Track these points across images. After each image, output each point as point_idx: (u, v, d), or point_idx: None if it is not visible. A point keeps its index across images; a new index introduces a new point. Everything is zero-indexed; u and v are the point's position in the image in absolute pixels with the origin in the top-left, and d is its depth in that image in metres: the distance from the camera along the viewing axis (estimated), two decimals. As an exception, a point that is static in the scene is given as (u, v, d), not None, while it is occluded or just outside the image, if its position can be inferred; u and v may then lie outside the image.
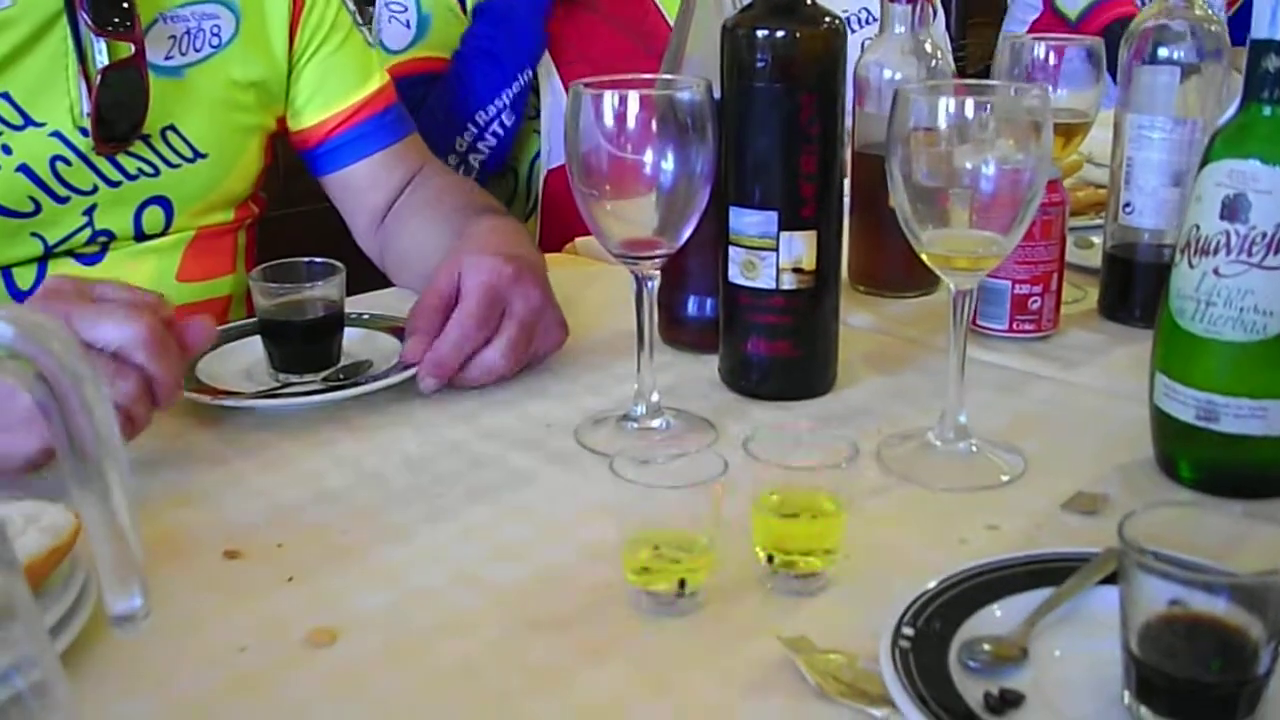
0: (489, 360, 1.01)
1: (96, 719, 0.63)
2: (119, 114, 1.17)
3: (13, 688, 0.48)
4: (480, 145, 1.67)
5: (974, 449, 0.90)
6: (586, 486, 0.88)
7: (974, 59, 2.85)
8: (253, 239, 1.39)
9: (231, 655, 0.68)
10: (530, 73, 1.66)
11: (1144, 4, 1.18)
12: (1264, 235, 0.79)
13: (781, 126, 0.95)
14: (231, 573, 0.77)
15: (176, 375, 0.87)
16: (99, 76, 1.14)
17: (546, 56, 1.69)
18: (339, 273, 1.06)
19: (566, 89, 1.75)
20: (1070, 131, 1.24)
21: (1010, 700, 0.60)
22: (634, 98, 0.86)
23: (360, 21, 1.38)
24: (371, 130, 1.34)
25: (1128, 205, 1.16)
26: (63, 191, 1.17)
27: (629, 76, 0.90)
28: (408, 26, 1.67)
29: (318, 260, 1.07)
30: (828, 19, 0.96)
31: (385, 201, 1.34)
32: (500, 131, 1.66)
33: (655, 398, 0.95)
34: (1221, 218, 0.81)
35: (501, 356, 1.01)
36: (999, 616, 0.66)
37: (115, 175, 1.20)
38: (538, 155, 1.73)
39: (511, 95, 1.66)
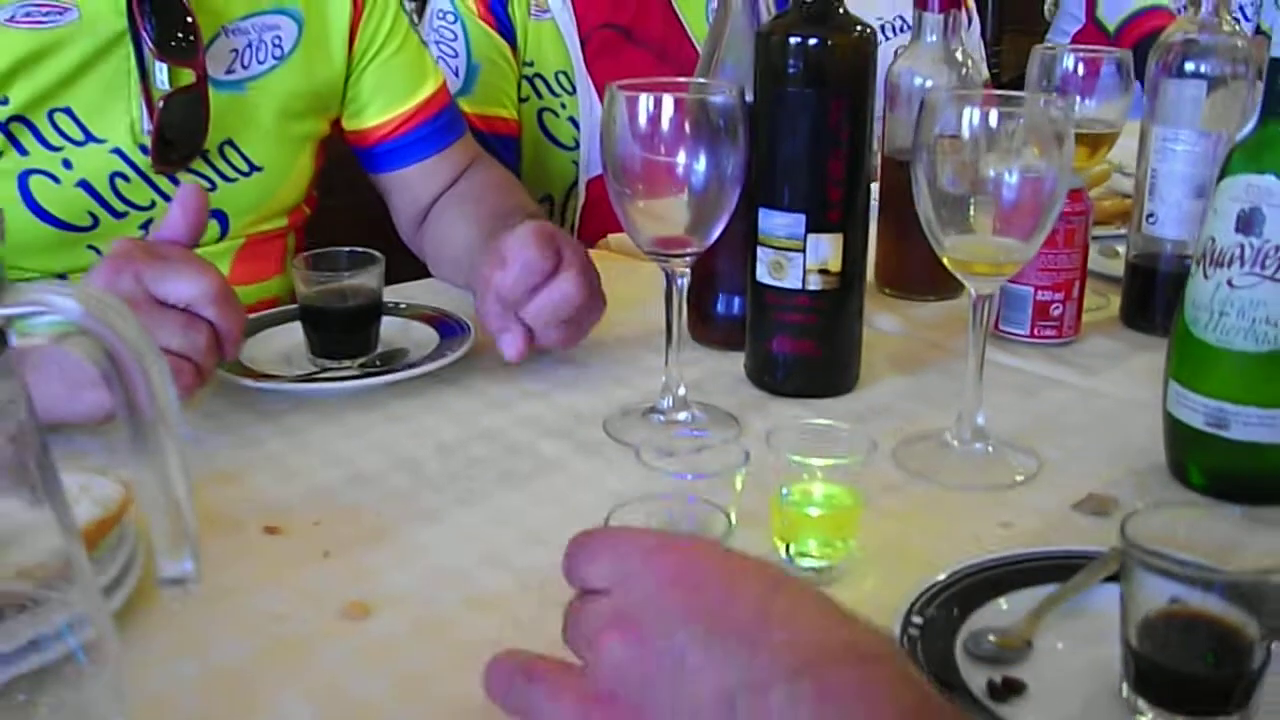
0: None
1: (141, 679, 0.66)
2: (180, 137, 1.18)
3: (67, 646, 0.51)
4: None
5: (990, 450, 0.92)
6: (613, 475, 0.90)
7: (1008, 66, 2.85)
8: (301, 240, 1.40)
9: (270, 624, 0.72)
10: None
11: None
12: (1277, 249, 0.81)
13: (811, 131, 0.98)
14: (271, 547, 0.80)
15: (241, 327, 0.91)
16: (161, 102, 1.15)
17: (586, 78, 1.69)
18: (378, 263, 1.09)
19: None
20: (1097, 142, 1.26)
21: (1013, 688, 0.63)
22: (668, 100, 0.89)
23: (415, 22, 1.39)
24: (427, 134, 1.36)
25: (1151, 216, 1.18)
26: (121, 207, 1.18)
27: (664, 80, 0.92)
28: (456, 75, 1.60)
29: (358, 249, 1.11)
30: (859, 27, 0.98)
31: (432, 198, 1.37)
32: None
33: (681, 391, 0.98)
34: (1236, 231, 0.83)
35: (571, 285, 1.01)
36: (1005, 609, 0.69)
37: (173, 191, 1.18)
38: (574, 184, 1.74)
39: None
